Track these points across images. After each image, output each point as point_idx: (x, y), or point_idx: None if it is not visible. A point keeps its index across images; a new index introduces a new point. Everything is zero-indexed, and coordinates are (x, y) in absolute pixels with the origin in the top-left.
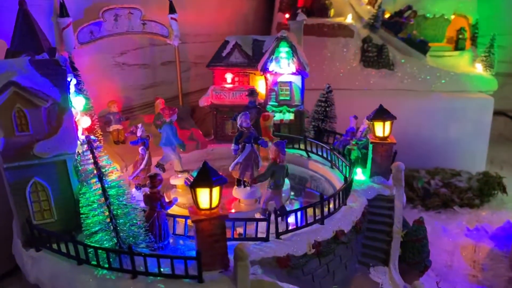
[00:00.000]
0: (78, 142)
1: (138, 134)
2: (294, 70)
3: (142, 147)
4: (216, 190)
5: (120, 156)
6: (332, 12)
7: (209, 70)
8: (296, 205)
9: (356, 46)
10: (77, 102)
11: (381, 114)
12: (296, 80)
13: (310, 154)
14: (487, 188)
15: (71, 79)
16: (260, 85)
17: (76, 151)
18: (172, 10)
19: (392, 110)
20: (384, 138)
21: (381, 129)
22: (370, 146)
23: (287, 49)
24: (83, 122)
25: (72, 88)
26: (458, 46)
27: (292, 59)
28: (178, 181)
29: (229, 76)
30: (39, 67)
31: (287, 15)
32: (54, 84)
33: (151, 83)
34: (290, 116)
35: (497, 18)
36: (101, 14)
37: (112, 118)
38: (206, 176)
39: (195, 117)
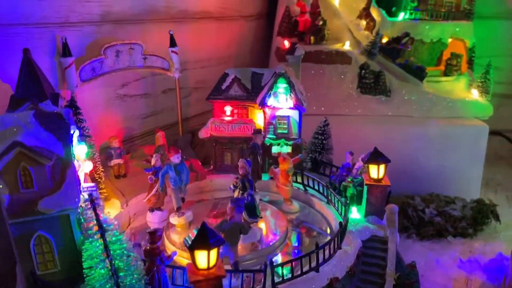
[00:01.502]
0: (81, 196)
1: (153, 163)
2: (292, 105)
3: (150, 176)
4: (213, 252)
5: (121, 191)
6: (326, 36)
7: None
8: (294, 237)
9: (353, 73)
10: (80, 151)
11: (376, 157)
12: (294, 114)
13: (307, 188)
14: (480, 217)
15: (74, 131)
16: (258, 117)
17: (79, 205)
18: (172, 43)
19: (388, 136)
20: (379, 180)
21: (376, 171)
22: (365, 187)
23: (285, 85)
24: (86, 167)
25: (74, 139)
26: (446, 71)
27: (290, 94)
28: (177, 220)
29: (228, 109)
30: (43, 121)
31: (286, 42)
32: (57, 138)
33: (152, 112)
34: (287, 149)
35: (493, 40)
36: (102, 51)
37: (113, 152)
38: (204, 238)
39: (195, 141)
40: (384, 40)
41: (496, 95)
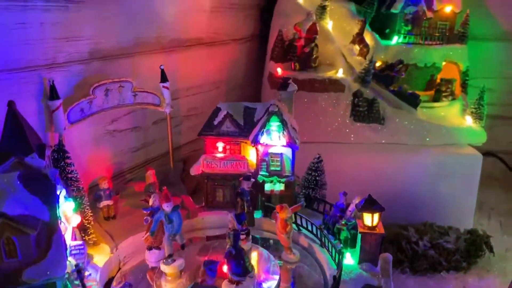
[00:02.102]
0: (68, 263)
1: (150, 203)
2: (285, 143)
3: (146, 217)
4: None
5: (111, 234)
6: (315, 63)
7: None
8: None
9: (347, 100)
10: (67, 207)
11: (370, 205)
12: (287, 151)
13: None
14: (474, 249)
15: (60, 191)
16: (251, 154)
17: (66, 272)
18: (163, 78)
19: (382, 164)
20: (373, 227)
21: (370, 219)
22: (359, 235)
23: (277, 123)
24: (73, 220)
25: (61, 199)
26: (435, 97)
27: (283, 132)
28: (167, 268)
29: (220, 145)
30: (28, 183)
31: (279, 69)
32: (43, 202)
33: (143, 144)
34: (280, 187)
35: (486, 62)
36: (91, 91)
37: (102, 194)
38: None
39: (187, 168)
40: (378, 64)
41: (490, 116)
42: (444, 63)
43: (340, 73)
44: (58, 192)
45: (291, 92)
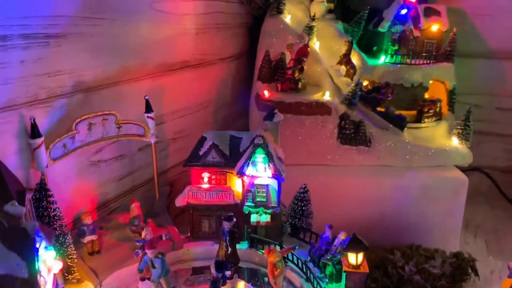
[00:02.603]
0: None
1: (143, 235)
2: (270, 175)
3: (137, 250)
4: None
5: (95, 270)
6: (299, 85)
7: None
8: None
9: (333, 123)
10: (48, 256)
11: (355, 244)
12: (273, 182)
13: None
14: (459, 273)
15: (40, 245)
16: (237, 184)
17: None
18: (148, 109)
19: (368, 187)
20: (357, 266)
21: (354, 258)
22: (344, 274)
23: (263, 155)
24: (55, 267)
25: (41, 250)
26: (417, 118)
27: (268, 164)
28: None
29: (206, 175)
30: (5, 238)
31: (266, 92)
32: (22, 257)
33: (128, 171)
34: (266, 218)
35: (473, 78)
36: (74, 126)
37: (86, 229)
38: None
39: (174, 190)
40: (365, 83)
41: (477, 132)
42: (431, 81)
43: (327, 96)
44: (37, 245)
45: (277, 123)
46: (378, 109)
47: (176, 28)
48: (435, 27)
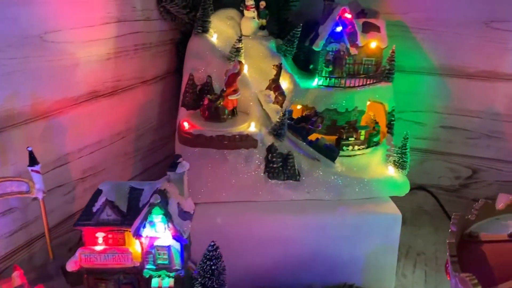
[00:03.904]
0: None
1: None
2: (171, 236)
3: None
4: None
5: None
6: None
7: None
8: None
9: (260, 156)
10: None
11: None
12: (176, 243)
13: None
14: None
15: None
16: (137, 244)
17: None
18: (32, 161)
19: (296, 224)
20: None
21: None
22: None
23: (160, 216)
24: None
25: None
26: (337, 144)
27: (168, 224)
28: None
29: (100, 235)
30: None
31: (186, 124)
32: None
33: (21, 225)
34: (169, 282)
35: (416, 94)
36: None
37: None
38: None
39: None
40: (299, 106)
41: (421, 150)
42: (368, 103)
43: (252, 127)
44: None
45: (181, 174)
46: (310, 138)
47: (78, 58)
48: (373, 44)
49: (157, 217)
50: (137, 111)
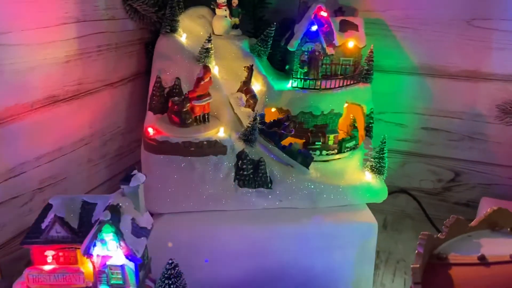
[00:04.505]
0: None
1: None
2: (123, 255)
3: None
4: None
5: None
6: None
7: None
8: None
9: (229, 163)
10: None
11: None
12: (130, 262)
13: None
14: None
15: None
16: (90, 263)
17: None
18: None
19: (268, 234)
20: None
21: None
22: None
23: (111, 234)
24: None
25: None
26: (304, 147)
27: (120, 243)
28: None
29: (50, 254)
30: None
31: (150, 129)
32: None
33: None
34: None
35: (396, 95)
36: None
37: None
38: None
39: None
40: (273, 109)
41: (402, 152)
42: (346, 105)
43: (221, 132)
44: None
45: (136, 187)
46: (283, 143)
47: (32, 61)
48: (351, 44)
49: (108, 235)
50: (103, 116)
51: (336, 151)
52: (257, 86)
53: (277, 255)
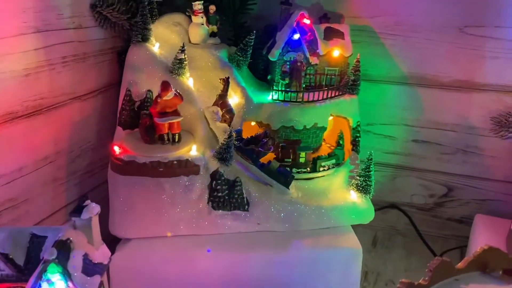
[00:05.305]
0: None
1: None
2: None
3: None
4: None
5: None
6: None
7: None
8: None
9: (202, 184)
10: None
11: None
12: None
13: None
14: None
15: None
16: None
17: None
18: None
19: (244, 260)
20: None
21: None
22: None
23: (58, 275)
24: None
25: None
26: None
27: (68, 284)
28: None
29: None
30: None
31: (116, 148)
32: None
33: None
34: None
35: (385, 106)
36: None
37: None
38: None
39: None
40: (253, 123)
41: (392, 166)
42: (331, 117)
43: (193, 151)
44: None
45: (88, 220)
46: (261, 161)
47: None
48: (336, 53)
49: (54, 276)
50: (70, 131)
51: (309, 169)
52: (235, 98)
53: (254, 283)
